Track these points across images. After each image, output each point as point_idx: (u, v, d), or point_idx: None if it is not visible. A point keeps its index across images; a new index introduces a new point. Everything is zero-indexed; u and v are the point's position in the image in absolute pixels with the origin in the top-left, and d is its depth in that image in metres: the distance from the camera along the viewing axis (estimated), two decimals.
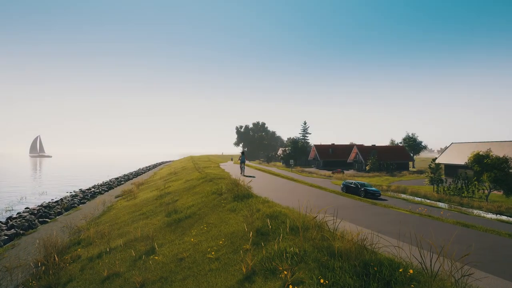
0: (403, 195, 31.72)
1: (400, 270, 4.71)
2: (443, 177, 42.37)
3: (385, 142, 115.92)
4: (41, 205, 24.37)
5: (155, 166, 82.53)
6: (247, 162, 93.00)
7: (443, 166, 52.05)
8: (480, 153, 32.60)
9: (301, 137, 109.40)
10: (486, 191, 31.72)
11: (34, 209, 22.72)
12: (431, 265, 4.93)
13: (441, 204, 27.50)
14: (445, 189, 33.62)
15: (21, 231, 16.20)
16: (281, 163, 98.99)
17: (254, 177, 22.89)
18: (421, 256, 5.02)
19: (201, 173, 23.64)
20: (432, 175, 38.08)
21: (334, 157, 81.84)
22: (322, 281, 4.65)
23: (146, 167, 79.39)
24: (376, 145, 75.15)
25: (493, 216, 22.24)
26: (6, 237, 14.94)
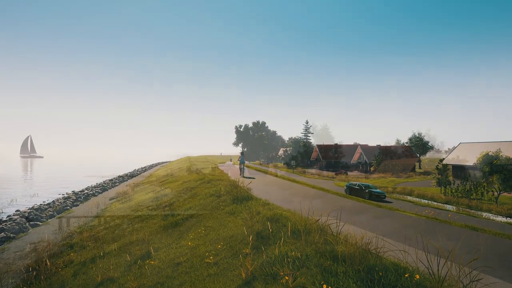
0: (409, 197, 31.28)
1: (406, 275, 4.59)
2: (450, 178, 41.76)
3: (391, 142, 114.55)
4: (32, 208, 24.06)
5: (151, 167, 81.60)
6: (246, 162, 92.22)
7: (450, 167, 51.31)
8: (490, 153, 32.08)
9: (303, 137, 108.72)
10: (495, 193, 31.13)
11: (25, 211, 22.14)
12: (438, 270, 4.74)
13: (448, 207, 27.00)
14: (453, 191, 33.07)
15: (11, 235, 16.03)
16: (282, 164, 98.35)
17: (254, 178, 22.73)
18: (428, 261, 4.84)
19: (199, 174, 23.50)
20: (439, 177, 37.54)
21: (337, 158, 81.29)
22: (324, 286, 4.57)
23: (142, 168, 78.19)
24: (381, 145, 74.47)
25: (503, 219, 21.75)
26: None
